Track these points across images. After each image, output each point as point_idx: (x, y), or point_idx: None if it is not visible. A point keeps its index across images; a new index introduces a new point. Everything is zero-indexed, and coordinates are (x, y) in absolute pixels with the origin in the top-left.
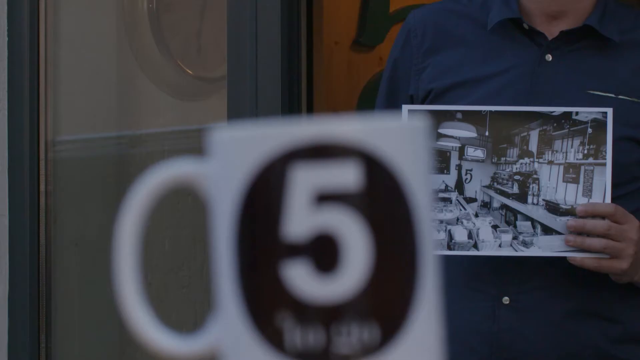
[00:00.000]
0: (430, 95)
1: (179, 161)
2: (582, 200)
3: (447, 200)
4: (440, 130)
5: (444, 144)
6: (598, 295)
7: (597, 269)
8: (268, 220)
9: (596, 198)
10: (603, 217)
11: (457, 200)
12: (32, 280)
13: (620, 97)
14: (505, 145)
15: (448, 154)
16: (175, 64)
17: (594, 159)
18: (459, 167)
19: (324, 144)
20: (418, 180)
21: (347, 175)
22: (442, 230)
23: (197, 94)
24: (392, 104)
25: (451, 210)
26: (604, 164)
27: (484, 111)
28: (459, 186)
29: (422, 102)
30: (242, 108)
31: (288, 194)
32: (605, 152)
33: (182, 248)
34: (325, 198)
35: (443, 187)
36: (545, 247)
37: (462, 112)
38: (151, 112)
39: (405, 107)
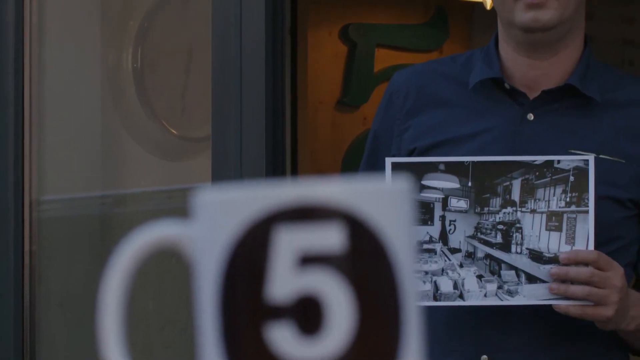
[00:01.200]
0: (413, 154)
1: (163, 223)
2: (565, 248)
3: (432, 251)
4: (424, 182)
5: (428, 195)
6: (577, 355)
7: (582, 317)
8: (252, 282)
9: (579, 245)
10: (587, 264)
11: (442, 251)
12: (17, 340)
13: (601, 156)
14: (488, 195)
15: (431, 205)
16: (159, 123)
17: (577, 207)
18: (442, 218)
19: (307, 207)
20: (401, 242)
21: (330, 238)
22: (427, 281)
23: (181, 153)
24: (375, 164)
25: (436, 262)
26: (587, 212)
27: (467, 162)
28: (443, 237)
29: None
30: (226, 169)
31: (272, 256)
32: (588, 200)
33: (167, 308)
34: (309, 260)
35: (427, 238)
36: (530, 295)
37: (445, 163)
38: (135, 172)
39: (389, 160)
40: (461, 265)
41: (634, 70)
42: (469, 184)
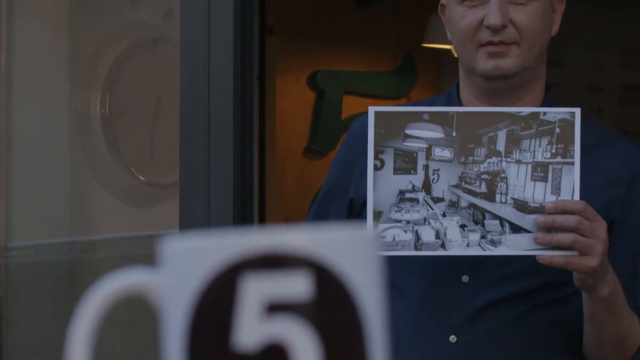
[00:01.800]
0: None
1: (131, 270)
2: (550, 198)
3: (414, 200)
4: (407, 132)
5: (411, 144)
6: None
7: (566, 266)
8: (219, 330)
9: (565, 196)
10: (573, 215)
11: (425, 200)
12: None
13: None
14: (472, 145)
15: (415, 154)
16: (127, 169)
17: (562, 158)
18: (426, 167)
19: (274, 255)
20: (368, 290)
21: (297, 286)
22: (409, 230)
23: (149, 200)
24: (327, 207)
25: (418, 211)
26: (573, 163)
27: (452, 112)
28: (426, 186)
29: (365, 206)
30: (194, 216)
31: (239, 304)
32: (574, 151)
33: (135, 354)
34: (275, 308)
35: (410, 187)
36: (513, 245)
37: (429, 113)
38: (103, 218)
39: (372, 109)
40: (444, 215)
41: (603, 117)
42: (454, 133)
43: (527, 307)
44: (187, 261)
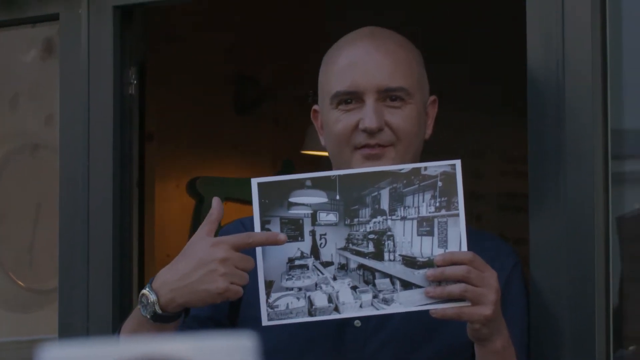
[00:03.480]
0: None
1: None
2: (438, 251)
3: (304, 267)
4: (291, 199)
5: (296, 212)
6: None
7: (460, 317)
8: None
9: (452, 248)
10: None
11: (314, 265)
12: None
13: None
14: (357, 206)
15: (301, 221)
16: (6, 275)
17: (447, 211)
18: (312, 233)
19: None
20: None
21: None
22: (301, 297)
23: (29, 305)
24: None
25: (309, 277)
26: (457, 215)
27: (333, 176)
28: (315, 251)
29: (237, 311)
30: (73, 322)
31: None
32: (458, 203)
33: None
34: None
35: (298, 254)
36: (406, 302)
37: (312, 179)
38: None
39: (254, 180)
40: (335, 278)
41: (481, 224)
42: (337, 197)
43: None
44: None
